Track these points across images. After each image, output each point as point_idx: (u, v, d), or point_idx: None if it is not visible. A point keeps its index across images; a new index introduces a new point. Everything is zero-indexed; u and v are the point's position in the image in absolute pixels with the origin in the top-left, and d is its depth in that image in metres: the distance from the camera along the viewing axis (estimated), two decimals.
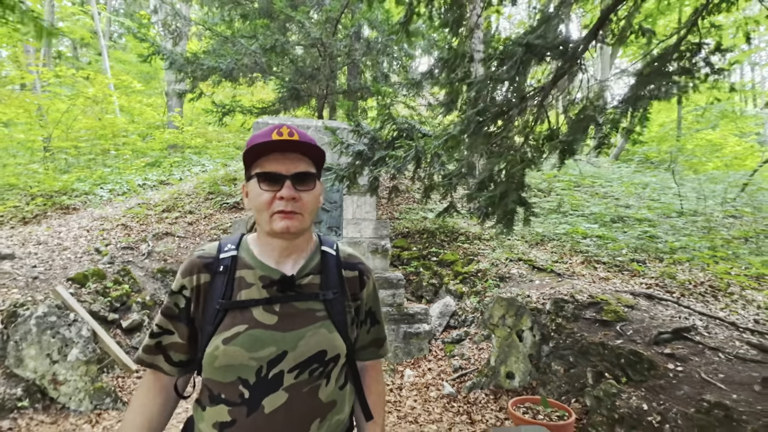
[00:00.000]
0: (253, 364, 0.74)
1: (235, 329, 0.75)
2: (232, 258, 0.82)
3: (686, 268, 4.38)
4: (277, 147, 0.78)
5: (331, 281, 0.84)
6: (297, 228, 0.79)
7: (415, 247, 5.59)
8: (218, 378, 0.75)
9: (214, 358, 0.74)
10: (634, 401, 2.41)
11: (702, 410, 2.13)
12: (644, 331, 2.89)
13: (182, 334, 0.81)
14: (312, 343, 0.77)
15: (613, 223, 5.81)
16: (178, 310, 0.82)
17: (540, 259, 4.70)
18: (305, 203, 0.80)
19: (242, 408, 0.74)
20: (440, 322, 4.35)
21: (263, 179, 0.78)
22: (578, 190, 7.83)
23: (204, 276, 0.81)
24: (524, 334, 3.33)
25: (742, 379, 2.26)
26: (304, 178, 0.79)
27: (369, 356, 0.94)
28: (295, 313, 0.79)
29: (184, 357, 0.82)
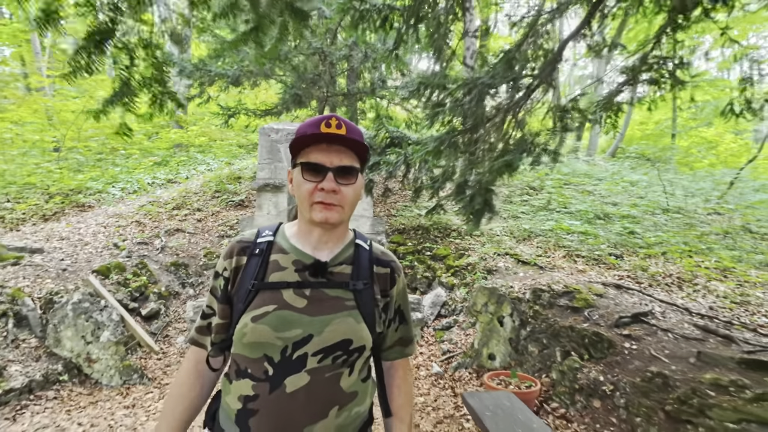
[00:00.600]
0: (279, 343, 0.77)
1: (265, 308, 0.78)
2: (268, 243, 0.87)
3: (660, 261, 4.77)
4: (324, 138, 0.79)
5: (362, 273, 0.86)
6: (336, 219, 0.81)
7: (411, 242, 5.99)
8: (246, 353, 0.78)
9: (242, 334, 0.77)
10: (593, 374, 2.82)
11: (645, 379, 2.54)
12: (608, 315, 3.30)
13: (223, 313, 0.85)
14: (338, 331, 0.79)
15: (597, 220, 6.20)
16: (220, 291, 0.86)
17: (525, 254, 5.10)
18: (345, 196, 0.81)
19: (265, 384, 0.76)
20: (432, 311, 4.76)
21: (307, 169, 0.80)
22: (568, 187, 8.20)
23: (241, 258, 0.85)
24: (504, 320, 3.74)
25: (683, 354, 2.66)
26: (347, 172, 0.81)
27: (395, 355, 0.95)
28: (324, 299, 0.81)
29: (223, 335, 0.86)
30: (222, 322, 0.85)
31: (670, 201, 7.28)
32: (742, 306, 3.62)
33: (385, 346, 0.93)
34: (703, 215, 6.89)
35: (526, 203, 7.31)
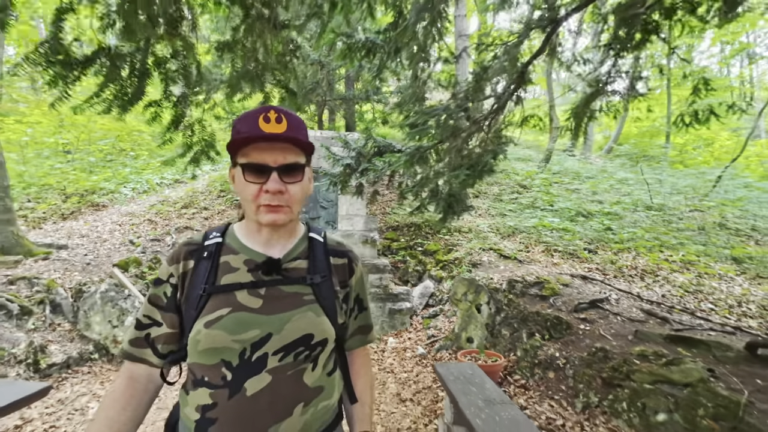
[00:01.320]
0: (236, 346, 0.74)
1: (218, 312, 0.75)
2: (217, 244, 0.83)
3: (630, 255, 5.24)
4: (265, 138, 0.75)
5: (318, 266, 0.85)
6: (284, 220, 0.79)
7: (403, 238, 6.49)
8: (202, 361, 0.75)
9: (196, 342, 0.75)
10: (551, 351, 3.31)
11: (590, 354, 3.03)
12: (569, 302, 3.79)
13: (171, 323, 0.81)
14: (298, 327, 0.78)
15: (579, 217, 6.67)
16: (165, 300, 0.81)
17: (507, 249, 5.59)
18: (292, 195, 0.79)
19: (224, 390, 0.74)
20: (420, 302, 5.27)
21: (249, 170, 0.76)
22: (557, 185, 8.66)
23: (189, 263, 0.82)
24: (482, 308, 4.24)
25: (624, 332, 3.15)
26: (292, 170, 0.78)
27: (356, 344, 0.95)
28: (281, 296, 0.79)
29: (174, 347, 0.82)
30: (170, 332, 0.81)
31: (656, 198, 7.73)
32: (693, 294, 4.10)
33: (346, 336, 0.93)
34: (686, 212, 7.34)
35: (515, 201, 7.78)
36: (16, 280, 3.94)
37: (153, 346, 0.81)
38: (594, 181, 9.22)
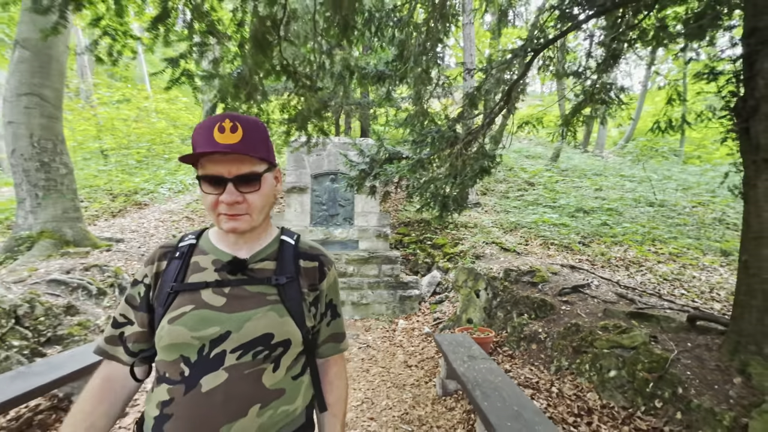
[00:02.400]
0: (195, 342, 0.77)
1: (182, 309, 0.79)
2: (190, 245, 0.87)
3: (622, 249, 5.79)
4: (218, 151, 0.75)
5: (286, 268, 0.87)
6: (245, 228, 0.81)
7: (414, 233, 7.18)
8: (164, 357, 0.79)
9: (160, 338, 0.79)
10: (534, 327, 3.96)
11: (566, 328, 3.66)
12: (555, 288, 4.41)
13: (141, 322, 0.85)
14: (258, 326, 0.79)
15: (580, 213, 7.20)
16: (139, 299, 0.86)
17: (508, 242, 6.20)
18: (251, 203, 0.81)
19: (181, 386, 0.76)
20: (428, 290, 5.96)
21: (205, 182, 0.79)
22: (564, 182, 9.15)
23: (162, 263, 0.86)
24: (480, 293, 4.90)
25: (596, 311, 3.77)
26: (248, 180, 0.79)
27: (330, 351, 0.96)
28: (245, 295, 0.82)
29: (143, 345, 0.85)
30: (141, 331, 0.85)
31: (660, 194, 8.16)
32: (671, 282, 4.65)
33: (318, 342, 0.94)
34: (687, 208, 7.77)
35: (520, 198, 8.34)
36: (89, 267, 4.83)
37: (125, 345, 0.84)
38: (600, 177, 9.66)
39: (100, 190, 8.31)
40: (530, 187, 9.13)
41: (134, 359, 0.85)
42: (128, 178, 8.84)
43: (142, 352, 0.85)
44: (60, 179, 5.27)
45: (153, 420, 0.77)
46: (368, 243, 6.02)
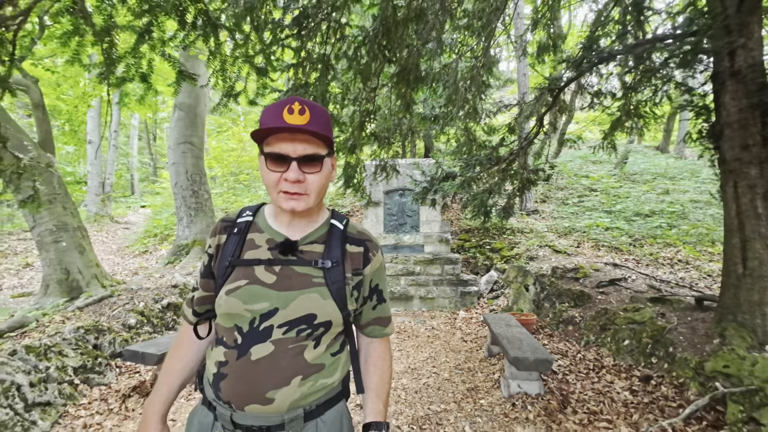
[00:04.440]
0: (247, 315, 0.87)
1: (237, 283, 0.88)
2: (247, 222, 0.97)
3: (675, 249, 6.27)
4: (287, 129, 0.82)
5: (333, 252, 0.93)
6: (303, 207, 0.88)
7: (474, 239, 8.25)
8: (222, 323, 0.91)
9: (218, 306, 0.90)
10: (572, 313, 4.86)
11: (596, 312, 4.53)
12: (594, 281, 5.23)
13: (206, 287, 0.99)
14: (302, 305, 0.87)
15: (637, 216, 7.65)
16: (204, 268, 0.99)
17: (561, 245, 7.00)
18: (311, 184, 0.87)
19: (234, 351, 0.87)
20: (486, 287, 6.99)
21: (271, 159, 0.85)
22: (627, 186, 9.47)
23: (222, 237, 0.96)
24: (529, 288, 5.85)
25: (625, 299, 4.57)
26: (311, 160, 0.85)
27: (375, 333, 1.04)
28: (292, 275, 0.89)
29: (208, 306, 1.01)
30: (205, 295, 0.99)
31: None
32: (714, 278, 5.16)
33: (363, 322, 1.03)
34: None
35: (579, 204, 8.93)
36: None
37: (193, 307, 1.01)
38: (671, 181, 9.76)
39: (218, 209, 10.72)
40: (591, 193, 9.61)
41: (198, 318, 1.00)
42: (237, 199, 11.21)
43: (207, 313, 1.00)
44: (204, 202, 7.40)
45: (212, 376, 0.90)
46: (432, 247, 7.27)
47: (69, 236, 4.71)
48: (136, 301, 4.59)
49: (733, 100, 3.17)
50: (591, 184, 9.98)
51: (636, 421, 2.71)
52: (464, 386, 3.53)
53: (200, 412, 0.94)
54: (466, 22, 4.45)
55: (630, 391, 3.14)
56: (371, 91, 3.25)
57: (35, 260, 7.89)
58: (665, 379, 3.14)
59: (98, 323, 3.84)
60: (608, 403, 2.99)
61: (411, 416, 2.98)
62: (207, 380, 0.94)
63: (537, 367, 3.02)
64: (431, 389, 3.49)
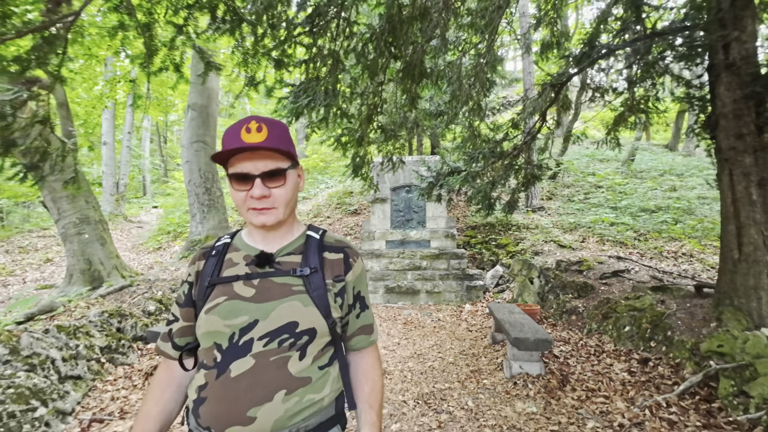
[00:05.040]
0: (226, 330, 0.85)
1: (216, 300, 0.88)
2: (225, 244, 0.99)
3: (680, 243, 6.35)
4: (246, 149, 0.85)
5: (310, 260, 0.94)
6: (272, 221, 0.89)
7: (480, 235, 8.39)
8: (203, 345, 0.89)
9: (198, 327, 0.89)
10: (575, 304, 4.98)
11: (599, 302, 4.65)
12: (598, 273, 5.34)
13: (186, 316, 0.96)
14: (283, 314, 0.86)
15: (642, 212, 7.73)
16: (184, 297, 0.97)
17: (566, 240, 7.11)
18: (277, 197, 0.89)
19: (213, 371, 0.85)
20: (492, 281, 7.13)
21: (235, 179, 0.88)
22: (633, 183, 9.53)
23: (201, 263, 0.97)
24: (534, 280, 5.98)
25: (627, 289, 4.68)
26: (273, 175, 0.88)
27: (362, 343, 1.02)
28: (271, 286, 0.89)
29: (189, 338, 0.97)
30: (185, 325, 0.97)
31: None
32: (714, 269, 5.24)
33: (349, 334, 1.01)
34: None
35: (584, 201, 9.02)
36: None
37: (172, 340, 0.97)
38: (679, 177, 9.80)
39: (230, 207, 10.98)
40: (597, 190, 9.69)
41: (180, 352, 0.95)
42: None
43: (188, 345, 0.96)
44: (216, 199, 7.66)
45: (192, 403, 0.87)
46: (438, 242, 7.42)
47: (91, 229, 4.97)
48: (154, 290, 4.83)
49: (727, 91, 3.30)
50: (597, 182, 10.05)
51: (632, 397, 2.84)
52: (468, 369, 3.68)
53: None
54: (470, 20, 4.64)
55: (628, 372, 3.27)
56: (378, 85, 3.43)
57: (55, 256, 8.22)
58: (662, 361, 3.27)
59: (120, 309, 4.08)
60: (606, 382, 3.13)
61: (417, 393, 3.15)
62: (189, 411, 0.90)
63: (537, 346, 3.17)
64: (436, 371, 3.66)
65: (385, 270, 7.28)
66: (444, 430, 2.58)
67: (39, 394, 2.55)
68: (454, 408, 2.88)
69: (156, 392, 0.95)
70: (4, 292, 6.08)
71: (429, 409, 2.88)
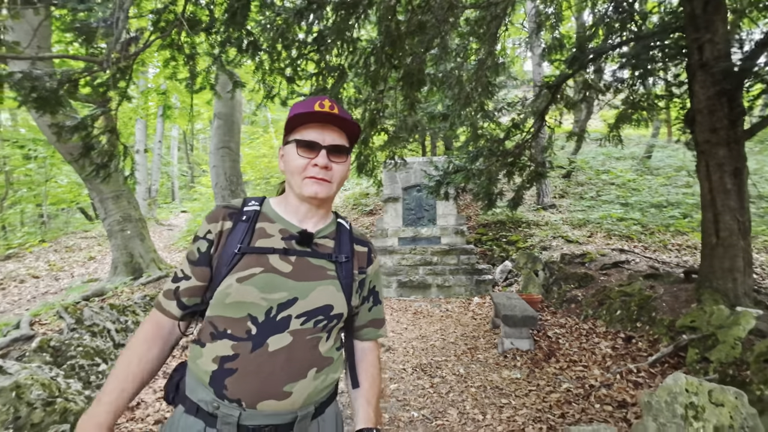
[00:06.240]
0: (264, 303, 0.84)
1: (251, 270, 0.85)
2: (255, 211, 0.94)
3: (686, 237, 6.51)
4: (318, 118, 0.88)
5: (344, 248, 0.97)
6: (326, 194, 0.90)
7: (491, 232, 8.72)
8: (228, 314, 0.84)
9: (225, 295, 0.84)
10: (575, 293, 5.28)
11: (596, 290, 4.95)
12: (599, 265, 5.62)
13: (200, 276, 0.90)
14: (321, 296, 0.88)
15: (652, 208, 7.88)
16: (199, 254, 0.91)
17: (574, 235, 7.36)
18: (336, 172, 0.91)
19: (247, 343, 0.82)
20: (501, 276, 7.45)
21: (301, 146, 0.89)
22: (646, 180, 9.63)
23: (228, 223, 0.91)
24: (539, 273, 6.29)
25: (623, 279, 4.96)
26: (339, 150, 0.91)
27: (370, 335, 1.06)
28: (308, 266, 0.90)
29: (197, 300, 0.92)
30: (198, 285, 0.91)
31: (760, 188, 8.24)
32: None
33: (358, 324, 1.04)
34: None
35: (597, 198, 9.20)
36: None
37: (178, 299, 0.91)
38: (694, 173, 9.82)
39: None
40: (609, 187, 9.84)
41: (184, 312, 0.90)
42: None
43: (195, 306, 0.91)
44: None
45: (210, 374, 0.83)
46: (448, 239, 7.82)
47: (132, 226, 5.66)
48: None
49: (702, 88, 3.60)
50: (610, 179, 10.19)
51: (608, 366, 3.19)
52: (465, 347, 4.09)
53: (182, 423, 0.85)
54: (469, 29, 5.07)
55: (612, 348, 3.60)
56: (379, 93, 3.90)
57: (96, 254, 9.08)
58: (643, 338, 3.58)
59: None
60: (588, 355, 3.47)
61: (416, 363, 3.58)
62: (197, 382, 0.86)
63: (525, 322, 3.55)
64: (436, 348, 4.08)
65: (397, 265, 7.72)
66: (435, 389, 3.01)
67: (101, 353, 3.14)
68: (446, 374, 3.30)
69: (141, 348, 0.89)
70: (57, 284, 6.88)
71: (425, 374, 3.31)
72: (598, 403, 2.64)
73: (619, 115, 5.74)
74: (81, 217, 14.51)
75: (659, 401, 1.45)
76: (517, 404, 2.72)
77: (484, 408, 2.69)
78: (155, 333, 0.90)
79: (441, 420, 2.56)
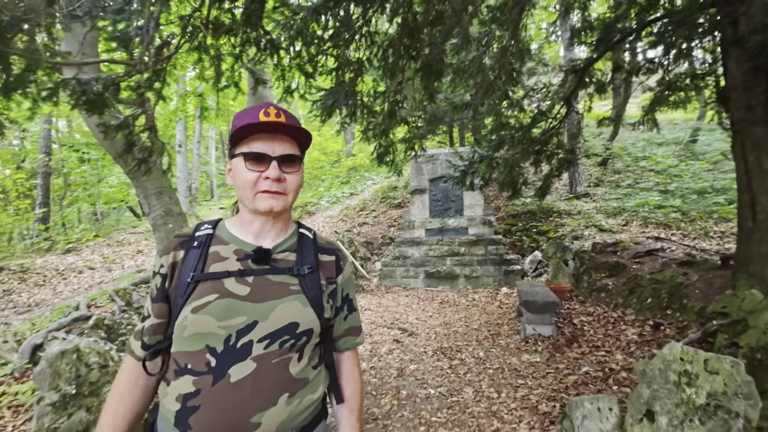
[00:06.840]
0: (221, 332, 0.79)
1: (206, 299, 0.80)
2: (207, 235, 0.90)
3: (731, 224, 6.16)
4: (265, 128, 0.84)
5: (306, 259, 0.91)
6: (281, 207, 0.86)
7: (521, 223, 8.61)
8: (186, 348, 0.80)
9: (183, 328, 0.80)
10: (605, 282, 5.17)
11: (627, 279, 4.83)
12: (632, 253, 5.46)
13: (158, 313, 0.87)
14: (284, 315, 0.83)
15: (694, 195, 7.49)
16: (156, 291, 0.88)
17: (608, 224, 7.14)
18: (290, 183, 0.87)
19: (208, 377, 0.78)
20: (530, 266, 7.37)
21: (250, 159, 0.84)
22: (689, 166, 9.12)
23: (180, 253, 0.88)
24: (569, 263, 6.19)
25: (656, 268, 4.81)
26: (290, 160, 0.87)
27: (348, 345, 1.01)
28: (268, 285, 0.85)
29: (159, 337, 0.88)
30: (158, 322, 0.88)
31: None
32: None
33: (335, 336, 1.00)
34: None
35: (635, 186, 8.83)
36: None
37: (141, 339, 0.88)
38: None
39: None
40: (648, 174, 9.41)
41: (147, 352, 0.87)
42: (300, 195, 12.60)
43: (158, 344, 0.87)
44: None
45: (174, 414, 0.79)
46: (475, 229, 7.81)
47: (174, 220, 6.10)
48: None
49: (736, 64, 3.44)
50: (650, 166, 9.74)
51: (632, 351, 3.16)
52: (488, 333, 4.15)
53: None
54: (491, 17, 5.05)
55: (639, 335, 3.54)
56: (398, 84, 4.00)
57: (143, 248, 9.81)
58: (672, 325, 3.50)
59: None
60: (612, 341, 3.44)
61: (437, 347, 3.70)
62: (165, 423, 0.83)
63: (546, 308, 3.57)
64: (458, 334, 4.16)
65: (425, 256, 7.81)
66: (453, 370, 3.12)
67: None
68: (466, 357, 3.39)
69: (122, 393, 0.87)
70: (110, 275, 7.54)
71: (444, 357, 3.42)
72: (616, 385, 2.65)
73: (655, 98, 5.53)
74: (130, 215, 15.62)
75: (653, 369, 1.49)
76: (533, 384, 2.77)
77: (499, 387, 2.77)
78: (131, 379, 0.88)
79: (456, 397, 2.67)
